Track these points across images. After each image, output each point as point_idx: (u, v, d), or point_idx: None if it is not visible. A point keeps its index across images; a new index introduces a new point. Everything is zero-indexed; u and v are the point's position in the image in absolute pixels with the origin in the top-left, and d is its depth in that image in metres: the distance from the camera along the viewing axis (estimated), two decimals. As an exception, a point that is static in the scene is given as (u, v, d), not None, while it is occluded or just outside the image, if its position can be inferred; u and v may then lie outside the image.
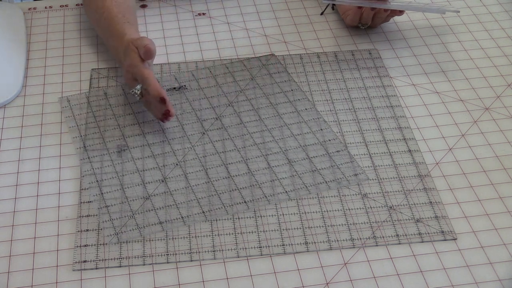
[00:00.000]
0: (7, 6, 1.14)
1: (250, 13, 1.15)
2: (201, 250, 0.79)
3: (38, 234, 0.81)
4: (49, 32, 1.11)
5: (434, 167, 0.89)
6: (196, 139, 0.92)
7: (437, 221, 0.82)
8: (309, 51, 1.06)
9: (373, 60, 1.05)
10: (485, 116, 0.96)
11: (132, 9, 1.03)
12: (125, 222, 0.82)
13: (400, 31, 1.11)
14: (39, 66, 1.04)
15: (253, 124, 0.94)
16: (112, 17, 0.98)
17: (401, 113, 0.96)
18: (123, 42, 0.94)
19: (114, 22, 0.98)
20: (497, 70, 1.04)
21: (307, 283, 0.76)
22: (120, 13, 0.99)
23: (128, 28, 0.96)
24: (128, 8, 1.02)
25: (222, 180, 0.86)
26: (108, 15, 0.99)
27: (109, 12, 0.99)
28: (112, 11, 0.99)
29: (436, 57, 1.06)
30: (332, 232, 0.81)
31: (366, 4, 1.03)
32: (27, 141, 0.92)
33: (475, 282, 0.76)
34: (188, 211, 0.83)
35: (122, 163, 0.89)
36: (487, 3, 1.18)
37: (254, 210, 0.83)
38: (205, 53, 1.06)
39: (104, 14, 0.99)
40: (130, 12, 1.01)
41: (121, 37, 0.95)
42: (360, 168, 0.88)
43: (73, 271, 0.77)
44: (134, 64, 0.91)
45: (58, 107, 0.97)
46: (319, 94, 0.99)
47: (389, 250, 0.79)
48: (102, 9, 1.00)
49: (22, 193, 0.86)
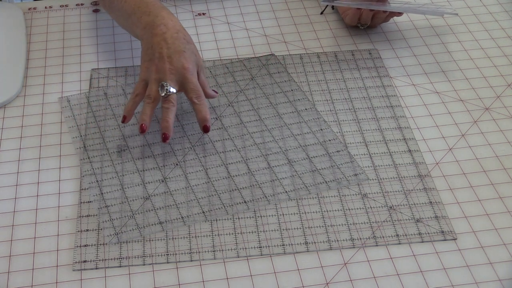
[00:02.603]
0: (7, 6, 1.14)
1: (250, 13, 1.15)
2: (201, 250, 0.79)
3: (38, 234, 0.81)
4: (49, 32, 1.11)
5: (434, 167, 0.89)
6: (196, 139, 0.92)
7: (437, 221, 0.82)
8: (309, 51, 1.06)
9: (373, 60, 1.05)
10: (485, 116, 0.96)
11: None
12: (125, 222, 0.82)
13: (400, 31, 1.11)
14: (39, 66, 1.04)
15: (253, 124, 0.94)
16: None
17: (401, 113, 0.96)
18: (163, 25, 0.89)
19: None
20: (497, 70, 1.04)
21: (307, 283, 0.76)
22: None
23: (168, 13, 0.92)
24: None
25: (222, 180, 0.86)
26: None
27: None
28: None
29: (436, 57, 1.06)
30: (332, 232, 0.81)
31: (365, 6, 1.03)
32: (27, 141, 0.92)
33: (475, 282, 0.76)
34: (188, 211, 0.83)
35: (122, 163, 0.89)
36: (487, 3, 1.18)
37: (254, 210, 0.83)
38: (205, 53, 1.06)
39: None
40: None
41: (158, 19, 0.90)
42: (360, 168, 0.88)
43: (73, 271, 0.77)
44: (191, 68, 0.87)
45: (58, 107, 0.97)
46: (319, 94, 0.99)
47: (389, 250, 0.79)
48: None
49: (22, 193, 0.86)
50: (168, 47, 0.88)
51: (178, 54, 0.87)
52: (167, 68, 0.86)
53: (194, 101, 0.87)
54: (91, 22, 1.12)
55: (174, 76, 0.87)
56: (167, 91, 0.86)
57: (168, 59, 0.87)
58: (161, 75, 0.87)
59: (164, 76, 0.86)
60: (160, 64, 0.87)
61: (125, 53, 1.06)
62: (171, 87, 0.86)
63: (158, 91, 0.87)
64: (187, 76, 0.87)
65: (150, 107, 0.86)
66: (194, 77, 0.87)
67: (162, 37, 0.88)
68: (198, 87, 0.87)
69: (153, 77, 0.87)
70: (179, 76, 0.87)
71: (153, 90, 0.87)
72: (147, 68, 0.88)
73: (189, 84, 0.87)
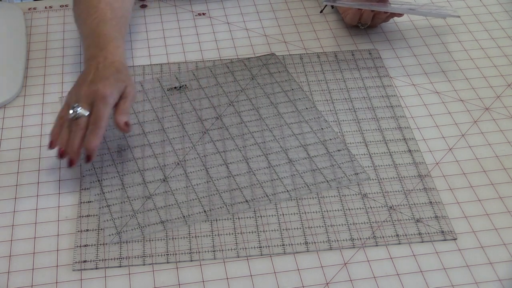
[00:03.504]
0: (7, 6, 1.14)
1: (250, 13, 1.15)
2: (201, 250, 0.79)
3: (38, 234, 0.81)
4: (49, 32, 1.11)
5: (434, 167, 0.89)
6: (196, 139, 0.92)
7: (437, 221, 0.82)
8: (309, 51, 1.06)
9: (373, 60, 1.05)
10: (485, 116, 0.96)
11: (125, 21, 0.99)
12: (127, 222, 0.82)
13: (400, 31, 1.11)
14: (39, 66, 1.04)
15: (253, 123, 0.94)
16: (105, 20, 0.94)
17: (401, 113, 0.96)
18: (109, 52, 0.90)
19: (105, 25, 0.94)
20: (497, 70, 1.04)
21: (307, 283, 0.76)
22: (113, 19, 0.95)
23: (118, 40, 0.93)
24: (122, 19, 0.98)
25: (223, 179, 0.86)
26: (101, 17, 0.95)
27: (103, 15, 0.95)
28: (105, 14, 0.95)
29: (436, 57, 1.06)
30: (332, 232, 0.81)
31: (366, 7, 1.03)
32: (27, 141, 0.92)
33: (475, 282, 0.76)
34: (189, 211, 0.83)
35: (123, 162, 0.89)
36: (487, 3, 1.18)
37: (254, 210, 0.83)
38: (205, 53, 1.06)
39: (96, 14, 0.95)
40: (122, 24, 0.97)
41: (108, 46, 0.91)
42: (361, 167, 0.88)
43: (73, 271, 0.77)
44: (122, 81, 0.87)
45: (58, 107, 0.97)
46: (319, 94, 0.99)
47: (389, 250, 0.79)
48: (94, 9, 0.96)
49: (22, 193, 0.86)
50: (95, 73, 0.87)
51: (101, 79, 0.86)
52: (83, 91, 0.85)
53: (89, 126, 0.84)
54: (91, 22, 1.12)
55: (88, 100, 0.85)
56: (76, 113, 0.84)
57: (90, 83, 0.86)
58: (77, 97, 0.85)
59: (79, 99, 0.85)
60: (80, 88, 0.86)
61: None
62: (80, 109, 0.84)
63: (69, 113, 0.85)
64: (97, 101, 0.84)
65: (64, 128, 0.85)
66: (105, 105, 0.84)
67: (95, 66, 0.88)
68: (99, 115, 0.84)
69: (69, 100, 0.86)
70: (92, 100, 0.85)
71: (64, 111, 0.86)
72: (70, 92, 0.87)
73: (94, 109, 0.84)
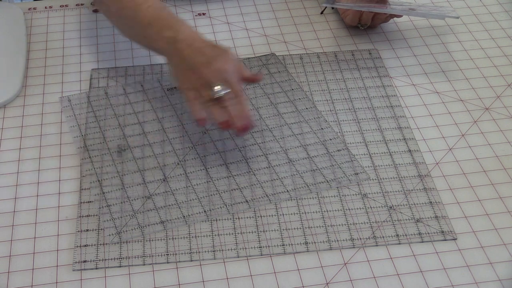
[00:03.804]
0: (7, 6, 1.14)
1: (250, 13, 1.15)
2: (201, 250, 0.79)
3: (38, 234, 0.81)
4: (49, 32, 1.11)
5: (434, 167, 0.89)
6: (196, 139, 0.92)
7: (437, 221, 0.82)
8: (309, 51, 1.06)
9: (373, 60, 1.05)
10: (485, 116, 0.96)
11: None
12: (127, 222, 0.82)
13: (400, 31, 1.11)
14: (39, 66, 1.04)
15: (253, 124, 0.94)
16: (161, 5, 0.92)
17: (401, 113, 0.96)
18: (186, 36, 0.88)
19: (164, 9, 0.92)
20: (497, 70, 1.04)
21: (307, 283, 0.76)
22: (162, 3, 0.94)
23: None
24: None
25: (223, 179, 0.86)
26: (156, 4, 0.92)
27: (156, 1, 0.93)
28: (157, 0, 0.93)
29: (436, 57, 1.06)
30: (332, 232, 0.81)
31: (365, 9, 1.03)
32: (27, 141, 0.92)
33: (475, 282, 0.76)
34: (189, 211, 0.83)
35: (123, 162, 0.89)
36: (487, 3, 1.18)
37: (254, 210, 0.83)
38: (205, 53, 1.06)
39: (148, 3, 0.92)
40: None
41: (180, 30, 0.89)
42: (361, 167, 0.88)
43: (73, 271, 0.77)
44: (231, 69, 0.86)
45: (58, 107, 0.97)
46: (319, 94, 0.99)
47: (389, 250, 0.79)
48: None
49: (22, 193, 0.86)
50: (197, 54, 0.87)
51: (212, 58, 0.86)
52: (204, 74, 0.85)
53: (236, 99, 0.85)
54: (91, 22, 1.12)
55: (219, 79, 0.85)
56: (219, 92, 0.85)
57: (206, 65, 0.86)
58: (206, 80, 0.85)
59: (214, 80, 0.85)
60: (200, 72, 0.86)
61: (125, 53, 1.06)
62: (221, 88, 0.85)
63: (209, 94, 0.85)
64: (228, 78, 0.85)
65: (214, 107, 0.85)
66: (236, 78, 0.86)
67: (189, 47, 0.87)
68: (238, 89, 0.85)
69: (198, 84, 0.86)
70: (221, 78, 0.85)
71: (206, 94, 0.86)
72: (182, 79, 0.87)
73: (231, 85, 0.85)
